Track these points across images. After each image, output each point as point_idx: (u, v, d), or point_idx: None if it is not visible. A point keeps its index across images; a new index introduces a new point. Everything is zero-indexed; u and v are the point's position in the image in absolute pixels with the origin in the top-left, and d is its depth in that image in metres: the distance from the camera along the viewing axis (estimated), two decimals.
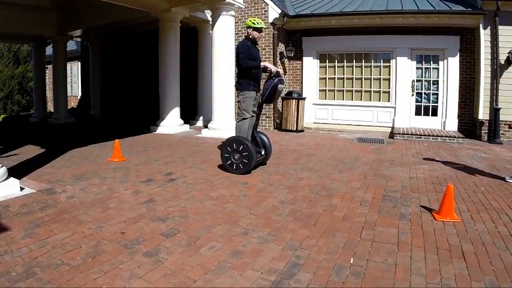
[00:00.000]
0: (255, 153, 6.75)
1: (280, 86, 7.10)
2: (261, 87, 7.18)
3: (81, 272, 3.20)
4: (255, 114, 7.25)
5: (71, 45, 21.69)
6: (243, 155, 6.71)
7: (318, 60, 14.72)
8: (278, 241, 3.93)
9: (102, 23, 15.05)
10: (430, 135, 12.19)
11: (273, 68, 7.06)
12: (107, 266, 3.30)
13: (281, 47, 14.12)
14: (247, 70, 6.96)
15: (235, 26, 12.38)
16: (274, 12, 13.16)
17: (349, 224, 4.53)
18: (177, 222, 4.36)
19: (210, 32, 12.03)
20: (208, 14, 12.84)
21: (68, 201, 5.10)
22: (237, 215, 4.68)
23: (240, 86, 7.08)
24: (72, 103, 23.53)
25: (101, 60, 18.24)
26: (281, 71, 7.41)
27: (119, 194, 5.45)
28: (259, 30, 7.10)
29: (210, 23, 12.09)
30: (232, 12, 11.44)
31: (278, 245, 3.84)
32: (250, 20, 7.07)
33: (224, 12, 11.16)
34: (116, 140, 8.00)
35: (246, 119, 7.03)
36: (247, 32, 7.16)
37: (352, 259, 3.61)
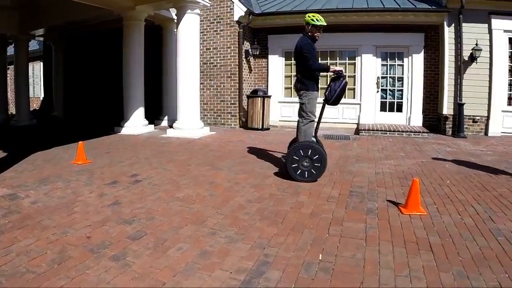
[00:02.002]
0: (327, 157, 6.49)
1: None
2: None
3: (47, 279, 3.11)
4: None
5: (33, 45, 21.17)
6: (313, 160, 6.30)
7: (284, 58, 14.76)
8: (246, 240, 3.93)
9: (64, 22, 14.78)
10: (395, 131, 12.39)
11: (337, 68, 6.74)
12: (73, 272, 3.23)
13: (246, 45, 14.11)
14: (312, 71, 6.65)
15: (201, 24, 12.34)
16: (239, 10, 13.18)
17: (316, 221, 4.56)
18: (144, 225, 4.29)
19: (175, 30, 11.92)
20: (173, 12, 12.69)
21: (32, 206, 4.96)
22: (204, 215, 4.64)
23: (304, 87, 6.67)
24: (35, 104, 23.02)
25: (64, 59, 17.87)
26: (343, 69, 7.00)
27: (84, 197, 5.33)
28: (319, 28, 6.64)
29: (175, 21, 11.97)
30: (198, 11, 11.36)
31: (246, 244, 3.84)
32: (309, 16, 6.63)
33: (189, 11, 11.08)
34: (80, 142, 7.84)
35: (313, 121, 6.74)
36: (306, 29, 6.71)
37: (320, 255, 3.63)
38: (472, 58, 12.26)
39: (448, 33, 12.55)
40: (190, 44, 11.20)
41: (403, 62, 13.74)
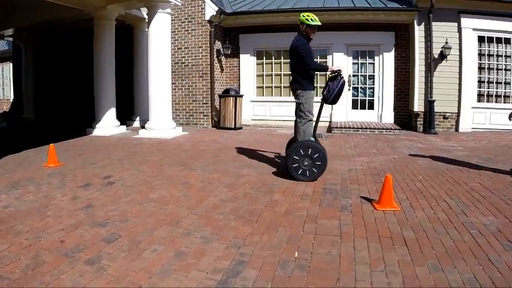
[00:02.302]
0: (327, 156, 6.48)
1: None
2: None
3: (22, 285, 3.06)
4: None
5: (2, 45, 20.82)
6: (314, 162, 6.31)
7: (255, 57, 14.80)
8: (221, 240, 3.93)
9: (34, 22, 14.53)
10: (367, 128, 12.52)
11: (335, 67, 6.71)
12: (48, 278, 3.18)
13: (218, 45, 14.08)
14: (310, 70, 6.64)
15: (172, 23, 12.28)
16: (211, 10, 13.13)
17: (291, 219, 4.59)
18: (118, 227, 4.26)
19: (146, 30, 11.84)
20: (144, 11, 12.59)
21: (3, 211, 4.87)
22: (178, 215, 4.63)
23: (301, 86, 6.62)
24: (4, 106, 22.62)
25: (34, 60, 17.50)
26: (341, 68, 6.88)
27: (56, 200, 5.25)
28: (313, 27, 6.58)
29: (146, 20, 11.89)
30: (169, 10, 11.32)
31: (221, 243, 3.84)
32: (303, 16, 6.58)
33: (160, 10, 11.02)
34: (51, 144, 7.72)
35: (311, 120, 6.70)
36: (300, 28, 6.65)
37: (296, 253, 3.66)
38: (442, 56, 12.52)
39: (418, 31, 12.78)
40: (162, 44, 11.15)
41: (374, 60, 13.92)
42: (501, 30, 12.76)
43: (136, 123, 14.05)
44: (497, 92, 13.06)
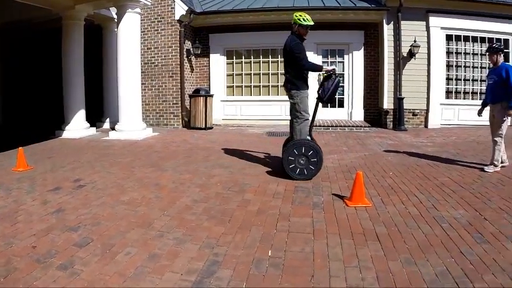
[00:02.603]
0: (323, 161, 6.51)
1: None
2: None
3: None
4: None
5: None
6: (310, 159, 6.34)
7: (225, 57, 14.79)
8: (194, 241, 3.93)
9: (1, 22, 14.17)
10: (337, 126, 12.67)
11: (329, 67, 6.68)
12: (20, 284, 3.13)
13: (188, 44, 14.03)
14: (305, 70, 6.60)
15: (142, 23, 12.18)
16: (181, 9, 13.07)
17: (263, 217, 4.62)
18: (90, 231, 4.20)
19: (116, 30, 11.71)
20: (113, 11, 12.44)
21: None
22: (150, 217, 4.61)
23: (295, 86, 6.59)
24: None
25: (3, 61, 17.16)
26: (336, 68, 6.92)
27: (27, 205, 5.16)
28: (306, 27, 6.56)
29: (116, 20, 11.76)
30: (138, 10, 11.23)
31: (195, 244, 3.84)
32: (296, 15, 6.57)
33: (130, 10, 10.93)
34: (20, 147, 7.59)
35: (308, 120, 6.66)
36: (293, 28, 6.64)
37: (270, 251, 3.69)
38: (411, 54, 12.76)
39: (387, 30, 12.99)
40: (131, 44, 11.06)
41: (343, 59, 14.08)
42: (468, 29, 13.09)
43: (106, 125, 13.86)
44: (465, 88, 13.38)
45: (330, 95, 6.59)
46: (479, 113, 7.55)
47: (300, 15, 6.53)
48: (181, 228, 4.27)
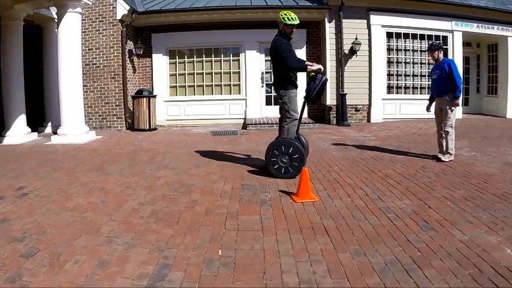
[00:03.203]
0: (306, 157, 6.49)
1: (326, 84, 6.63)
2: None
3: None
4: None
5: None
6: (292, 158, 6.33)
7: (168, 57, 14.71)
8: (144, 244, 3.90)
9: None
10: None
11: (316, 66, 6.60)
12: None
13: (130, 45, 13.85)
14: (290, 70, 6.57)
15: (82, 23, 11.90)
16: (122, 9, 12.86)
17: (212, 217, 4.66)
18: (36, 240, 4.06)
19: (56, 30, 11.40)
20: (53, 11, 12.08)
21: None
22: (97, 223, 4.52)
23: (282, 86, 6.61)
24: None
25: None
26: (322, 67, 6.77)
27: None
28: (291, 26, 6.61)
29: (56, 20, 11.45)
30: (79, 9, 10.95)
31: (144, 248, 3.82)
32: (281, 15, 6.61)
33: (70, 9, 10.64)
34: None
35: (296, 119, 6.62)
36: (279, 27, 6.71)
37: (220, 251, 3.73)
38: (353, 51, 13.13)
39: (329, 28, 13.35)
40: (72, 45, 10.78)
41: None
42: (408, 26, 13.72)
43: (49, 129, 13.38)
44: (405, 84, 13.92)
45: (315, 95, 6.61)
46: (428, 108, 7.93)
47: (285, 14, 6.60)
48: (130, 233, 4.23)
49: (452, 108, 7.44)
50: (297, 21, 6.60)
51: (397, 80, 14.05)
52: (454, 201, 5.12)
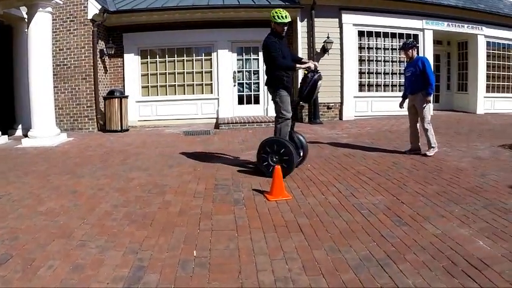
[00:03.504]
0: (296, 158, 6.36)
1: (320, 82, 6.52)
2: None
3: None
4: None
5: None
6: (283, 158, 6.20)
7: (140, 57, 14.55)
8: (118, 247, 3.88)
9: None
10: (254, 122, 12.87)
11: (306, 64, 6.59)
12: None
13: (101, 45, 13.67)
14: (279, 69, 6.46)
15: (53, 23, 11.72)
16: (94, 8, 12.65)
17: (186, 218, 4.66)
18: (8, 246, 3.97)
19: (26, 30, 11.22)
20: (24, 10, 11.87)
21: None
22: (70, 227, 4.47)
23: (273, 85, 6.54)
24: None
25: None
26: (318, 64, 6.70)
27: None
28: (281, 25, 6.50)
29: (26, 20, 11.27)
30: (50, 9, 10.80)
31: (118, 251, 3.80)
32: (272, 13, 6.51)
33: (41, 9, 10.47)
34: None
35: (288, 119, 6.52)
36: (271, 25, 6.62)
37: (195, 251, 3.74)
38: (324, 50, 13.28)
39: (301, 27, 13.47)
40: (43, 45, 10.64)
41: (258, 56, 14.25)
42: (379, 25, 13.94)
43: (19, 132, 13.08)
44: (377, 81, 14.11)
45: (306, 94, 6.56)
46: (401, 105, 8.10)
47: (276, 12, 6.52)
48: (103, 236, 4.19)
49: (425, 105, 7.59)
50: (287, 19, 6.49)
51: (369, 78, 14.25)
52: (426, 196, 5.24)
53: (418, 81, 7.59)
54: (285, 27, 6.60)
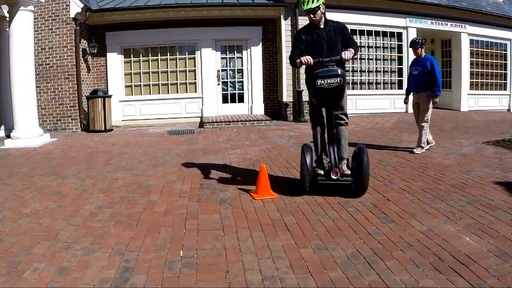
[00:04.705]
0: (308, 171, 5.19)
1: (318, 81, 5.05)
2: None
3: None
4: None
5: None
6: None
7: (123, 56, 14.45)
8: (103, 248, 3.85)
9: None
10: (238, 121, 12.87)
11: (303, 59, 5.23)
12: None
13: (84, 44, 13.53)
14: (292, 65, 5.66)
15: (35, 22, 11.58)
16: (76, 7, 12.52)
17: (171, 218, 4.65)
18: None
19: (8, 29, 11.07)
20: (5, 9, 11.73)
21: None
22: (55, 229, 4.42)
23: (306, 80, 5.77)
24: None
25: None
26: (306, 59, 5.28)
27: None
28: (307, 12, 5.34)
29: (7, 19, 11.13)
30: (31, 7, 10.65)
31: (104, 252, 3.77)
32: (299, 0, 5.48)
33: (22, 7, 10.32)
34: None
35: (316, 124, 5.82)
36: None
37: (181, 252, 3.72)
38: None
39: (285, 26, 13.48)
40: (24, 44, 10.49)
41: (242, 54, 14.32)
42: (363, 23, 14.00)
43: (2, 133, 12.91)
44: (361, 79, 14.18)
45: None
46: (406, 100, 8.51)
47: None
48: (89, 237, 4.16)
49: (430, 105, 7.84)
50: (309, 6, 5.28)
51: (353, 76, 14.31)
52: (412, 193, 5.28)
53: (425, 81, 7.79)
54: (313, 15, 5.40)
